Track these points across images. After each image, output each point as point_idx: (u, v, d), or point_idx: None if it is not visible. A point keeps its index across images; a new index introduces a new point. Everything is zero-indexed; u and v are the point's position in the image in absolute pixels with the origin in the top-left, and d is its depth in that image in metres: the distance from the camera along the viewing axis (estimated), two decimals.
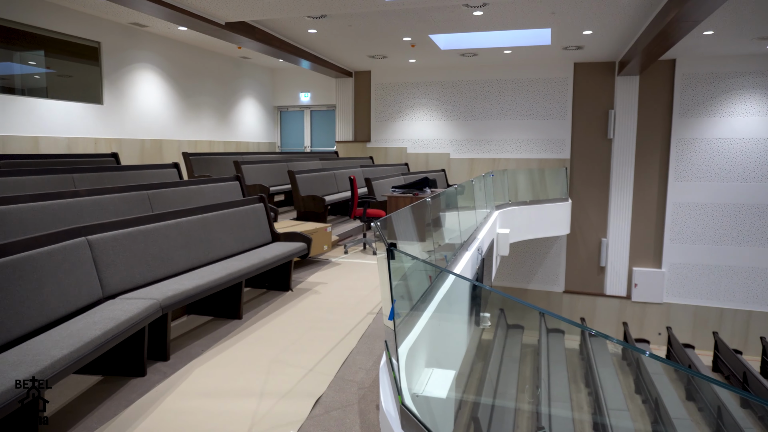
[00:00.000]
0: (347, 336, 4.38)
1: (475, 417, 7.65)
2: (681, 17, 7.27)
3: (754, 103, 11.56)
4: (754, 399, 10.44)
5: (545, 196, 11.65)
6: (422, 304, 4.01)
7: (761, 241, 11.77)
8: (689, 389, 9.95)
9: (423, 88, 13.59)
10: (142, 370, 3.60)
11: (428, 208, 5.27)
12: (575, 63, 12.40)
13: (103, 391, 3.36)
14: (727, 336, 11.98)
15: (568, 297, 12.96)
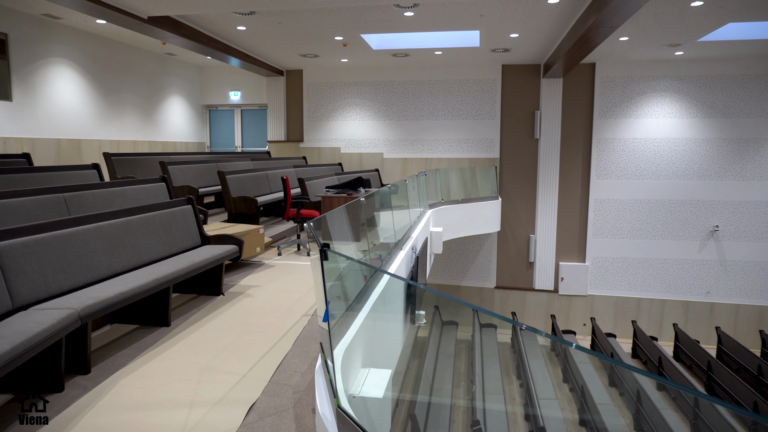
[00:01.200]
0: (282, 339, 4.29)
1: (412, 414, 7.72)
2: (599, 23, 7.66)
3: (665, 105, 12.36)
4: (667, 383, 11.14)
5: (476, 194, 11.95)
6: (358, 305, 3.99)
7: (673, 234, 12.61)
8: (612, 376, 10.50)
9: (356, 87, 13.59)
10: (59, 385, 3.36)
11: (362, 207, 5.25)
12: (503, 65, 12.79)
13: (14, 410, 3.11)
14: (645, 324, 12.76)
15: (499, 292, 13.36)
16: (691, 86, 12.23)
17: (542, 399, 8.92)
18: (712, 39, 10.09)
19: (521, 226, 13.17)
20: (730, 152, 12.26)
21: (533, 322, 13.10)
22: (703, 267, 12.60)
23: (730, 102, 12.13)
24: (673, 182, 12.51)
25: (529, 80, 12.75)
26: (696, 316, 12.68)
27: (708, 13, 8.46)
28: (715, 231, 12.43)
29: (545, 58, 11.94)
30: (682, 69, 12.17)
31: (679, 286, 12.71)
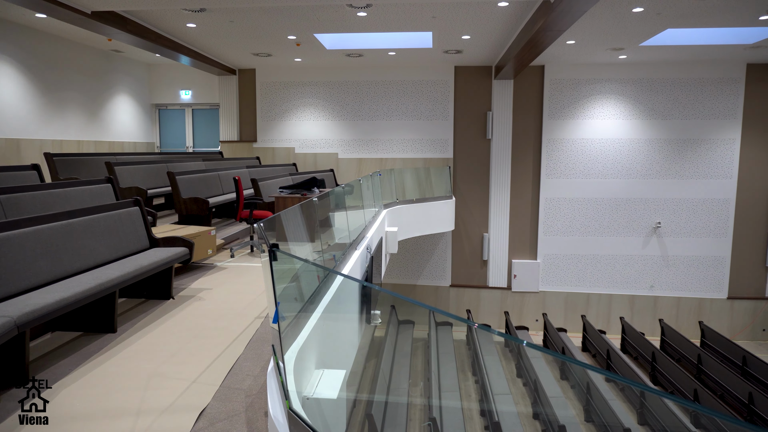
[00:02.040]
0: (234, 343, 4.21)
1: (369, 414, 7.73)
2: (547, 27, 7.87)
3: (611, 107, 12.82)
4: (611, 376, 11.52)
5: (431, 194, 12.07)
6: (311, 306, 3.96)
7: (619, 231, 13.10)
8: (563, 369, 10.79)
9: (310, 87, 13.49)
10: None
11: (316, 208, 5.21)
12: (456, 66, 12.96)
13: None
14: (594, 318, 13.20)
15: (454, 291, 13.53)
16: (634, 89, 12.73)
17: (497, 394, 9.10)
18: (653, 44, 10.52)
19: (475, 224, 13.39)
20: (670, 152, 12.82)
21: (488, 319, 13.34)
22: (647, 262, 13.13)
23: (670, 104, 12.69)
24: (618, 181, 12.99)
25: (481, 81, 12.97)
26: (641, 309, 13.21)
27: (648, 19, 8.82)
28: (658, 228, 12.98)
29: (496, 60, 12.18)
30: (626, 72, 12.66)
31: (625, 281, 13.21)
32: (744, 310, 13.05)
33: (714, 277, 13.02)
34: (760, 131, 12.60)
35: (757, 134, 12.61)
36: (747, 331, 13.07)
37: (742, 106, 12.53)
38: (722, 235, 12.92)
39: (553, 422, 8.06)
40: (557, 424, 7.67)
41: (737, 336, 12.92)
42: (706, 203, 12.87)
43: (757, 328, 13.08)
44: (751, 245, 12.92)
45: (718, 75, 12.48)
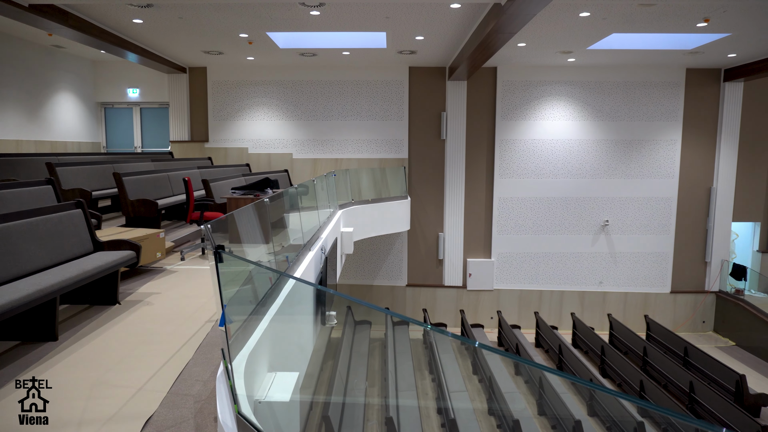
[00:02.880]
0: (183, 348, 4.09)
1: (326, 416, 7.67)
2: (498, 29, 8.01)
3: (560, 108, 13.18)
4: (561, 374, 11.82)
5: (387, 194, 12.10)
6: (263, 308, 3.89)
7: (569, 229, 13.47)
8: (517, 365, 11.01)
9: (263, 87, 13.30)
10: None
11: (268, 208, 5.13)
12: (410, 67, 13.04)
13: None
14: (546, 314, 13.53)
15: (411, 290, 13.61)
16: (583, 91, 13.12)
17: (453, 392, 9.19)
18: (599, 48, 10.88)
19: (430, 224, 13.50)
20: (617, 153, 13.28)
21: (444, 318, 13.47)
22: (596, 259, 13.56)
23: (616, 106, 13.15)
24: (568, 181, 13.36)
25: (435, 82, 13.09)
26: (591, 304, 13.63)
27: (594, 24, 9.11)
28: (606, 225, 13.43)
29: (450, 61, 12.31)
30: (575, 75, 13.03)
31: (576, 278, 13.60)
32: (685, 303, 13.65)
33: (658, 273, 13.57)
34: (698, 133, 13.22)
35: (696, 135, 13.22)
36: (688, 324, 13.68)
37: (683, 108, 13.11)
38: (665, 232, 13.48)
39: (507, 417, 8.20)
40: (511, 418, 7.80)
41: (680, 328, 13.51)
42: (650, 202, 13.40)
43: (698, 320, 13.71)
44: (691, 241, 13.54)
45: (660, 79, 13.02)
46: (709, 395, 8.94)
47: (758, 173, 13.55)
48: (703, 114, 13.17)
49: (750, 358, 12.28)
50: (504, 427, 8.33)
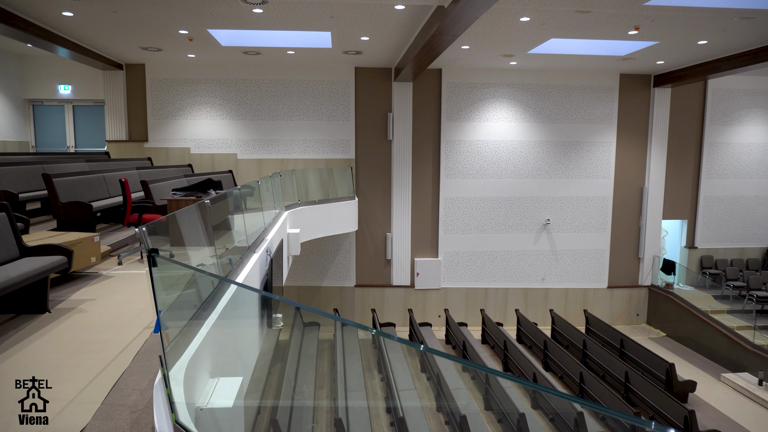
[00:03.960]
0: (119, 356, 3.92)
1: (273, 420, 7.55)
2: (442, 31, 8.12)
3: (503, 110, 13.51)
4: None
5: (334, 195, 12.05)
6: (204, 312, 3.79)
7: (513, 228, 13.83)
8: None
9: (206, 85, 12.94)
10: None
11: (209, 210, 4.99)
12: (356, 67, 13.03)
13: None
14: (492, 311, 13.84)
15: (359, 290, 13.60)
16: (525, 94, 13.50)
17: (402, 390, 9.25)
18: (539, 52, 11.22)
19: (378, 225, 13.54)
20: (557, 154, 13.74)
21: (392, 317, 13.54)
22: (539, 257, 13.98)
23: (556, 109, 13.60)
24: (511, 181, 13.71)
25: (381, 83, 13.14)
26: (534, 301, 14.04)
27: (534, 29, 9.39)
28: (547, 224, 13.87)
29: (396, 62, 12.39)
30: (517, 78, 13.39)
31: (520, 275, 13.98)
32: (621, 297, 14.29)
33: (596, 269, 14.14)
34: (631, 135, 13.87)
35: (629, 138, 13.86)
36: (624, 317, 14.33)
37: (617, 112, 13.72)
38: (602, 230, 14.05)
39: (455, 413, 8.32)
40: (459, 414, 7.93)
41: (616, 321, 14.13)
42: (588, 201, 13.94)
43: (633, 313, 14.38)
44: (626, 239, 14.19)
45: (596, 83, 13.56)
46: (642, 384, 9.38)
47: (685, 174, 14.36)
48: (635, 117, 13.83)
49: (679, 347, 12.99)
50: (452, 424, 8.45)
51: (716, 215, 14.62)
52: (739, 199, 14.66)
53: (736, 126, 14.42)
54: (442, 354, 5.67)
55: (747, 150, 14.55)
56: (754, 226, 14.80)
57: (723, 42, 10.17)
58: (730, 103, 14.33)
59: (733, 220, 14.70)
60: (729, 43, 10.28)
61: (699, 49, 10.75)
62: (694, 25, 9.08)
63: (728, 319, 12.50)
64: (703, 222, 14.60)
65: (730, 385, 10.82)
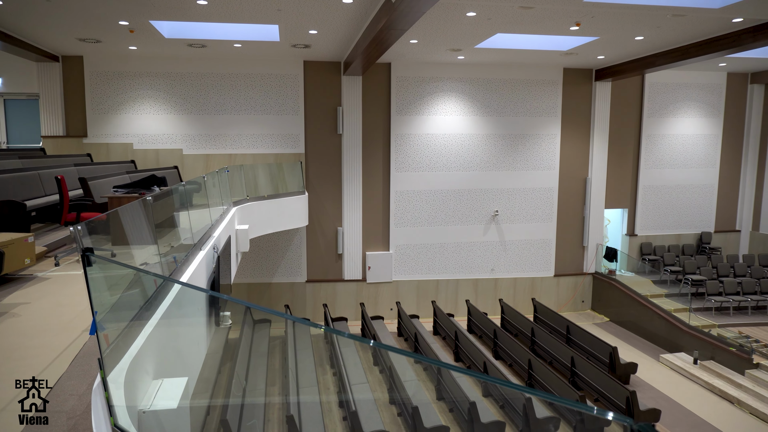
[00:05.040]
0: (56, 360, 3.77)
1: (223, 420, 7.45)
2: (390, 25, 8.14)
3: (452, 104, 13.69)
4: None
5: (284, 189, 11.92)
6: (147, 312, 3.69)
7: (462, 220, 14.07)
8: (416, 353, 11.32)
9: (149, 78, 12.51)
10: None
11: (151, 207, 4.86)
12: (305, 61, 12.90)
13: None
14: (443, 303, 14.05)
15: (311, 286, 13.53)
16: (472, 88, 13.72)
17: (354, 384, 9.28)
18: (486, 46, 11.42)
19: (329, 219, 13.49)
20: (504, 146, 14.05)
21: (345, 312, 13.54)
22: (488, 248, 14.28)
23: (503, 102, 13.89)
24: (460, 173, 13.93)
25: (330, 77, 13.06)
26: (484, 291, 14.35)
27: (480, 24, 9.54)
28: (496, 216, 14.17)
29: (345, 56, 12.33)
30: (464, 72, 13.59)
31: (470, 266, 14.24)
32: (567, 285, 14.80)
33: (543, 258, 14.57)
34: (574, 128, 14.33)
35: (573, 130, 14.32)
36: (570, 304, 14.85)
37: (561, 105, 14.14)
38: (548, 220, 14.49)
39: (407, 404, 8.43)
40: (411, 406, 8.03)
41: (563, 308, 14.62)
42: (535, 192, 14.33)
43: (578, 300, 14.92)
44: (571, 228, 14.68)
45: (541, 77, 13.93)
46: (587, 368, 9.76)
47: (625, 164, 14.97)
48: (578, 110, 14.29)
49: (621, 331, 13.58)
50: (404, 415, 8.56)
51: (654, 204, 15.33)
52: (675, 188, 15.41)
53: (671, 118, 15.13)
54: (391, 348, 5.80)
55: (681, 141, 15.30)
56: (688, 213, 15.59)
57: (658, 38, 10.63)
58: (666, 97, 15.02)
59: (670, 208, 15.45)
60: (663, 39, 10.75)
61: (636, 44, 11.20)
62: (631, 21, 9.46)
63: (666, 303, 13.15)
64: (643, 210, 15.27)
65: (668, 365, 11.41)
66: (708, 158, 15.56)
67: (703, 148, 15.49)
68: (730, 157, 15.74)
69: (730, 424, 9.03)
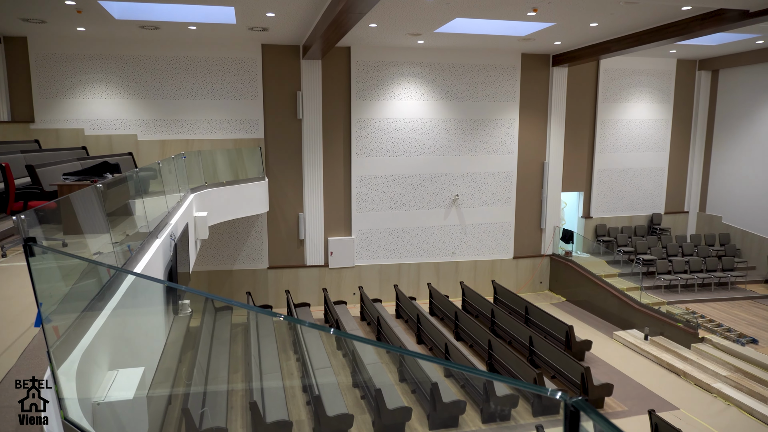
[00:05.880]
0: (3, 355, 3.65)
1: (185, 409, 7.39)
2: (348, 8, 8.06)
3: (412, 88, 13.71)
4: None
5: (244, 175, 11.75)
6: (100, 302, 3.62)
7: (423, 204, 14.19)
8: (379, 338, 11.44)
9: (100, 61, 12.04)
10: None
11: (102, 194, 4.73)
12: (263, 44, 12.65)
13: None
14: (405, 287, 14.20)
15: (273, 272, 13.45)
16: (432, 72, 13.76)
17: (318, 369, 9.34)
18: (445, 31, 11.45)
19: (290, 205, 13.39)
20: (464, 131, 14.19)
21: (307, 297, 13.53)
22: (449, 231, 14.47)
23: (462, 87, 13.99)
24: (421, 158, 14.01)
25: (289, 61, 12.87)
26: (445, 274, 14.56)
27: (439, 8, 9.55)
28: (456, 200, 14.35)
29: (304, 40, 12.16)
30: (425, 57, 13.60)
31: (431, 250, 14.41)
32: (526, 267, 15.16)
33: (502, 241, 14.86)
34: (532, 112, 14.58)
35: (531, 115, 14.57)
36: (528, 285, 15.23)
37: (519, 90, 14.34)
38: (507, 204, 14.76)
39: (370, 387, 8.54)
40: (374, 388, 8.14)
41: (521, 290, 14.99)
42: (494, 176, 14.56)
43: (536, 281, 15.32)
44: (529, 211, 15.00)
45: (500, 62, 14.07)
46: (544, 346, 10.07)
47: (581, 149, 15.35)
48: (536, 95, 14.54)
49: (577, 310, 14.03)
50: (368, 398, 8.67)
51: (608, 187, 15.81)
52: (628, 172, 15.91)
53: (625, 103, 15.56)
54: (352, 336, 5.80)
55: (634, 126, 15.77)
56: (640, 196, 16.15)
57: (612, 25, 10.87)
58: (620, 83, 15.43)
59: (623, 191, 15.96)
60: (617, 26, 11.01)
61: (591, 30, 11.43)
62: (586, 8, 9.64)
63: (619, 282, 13.65)
64: (597, 193, 15.73)
65: (621, 341, 11.87)
66: (659, 142, 16.10)
67: (654, 133, 16.02)
68: (679, 141, 16.33)
69: (675, 395, 9.50)
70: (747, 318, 12.26)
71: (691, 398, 9.44)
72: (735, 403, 9.13)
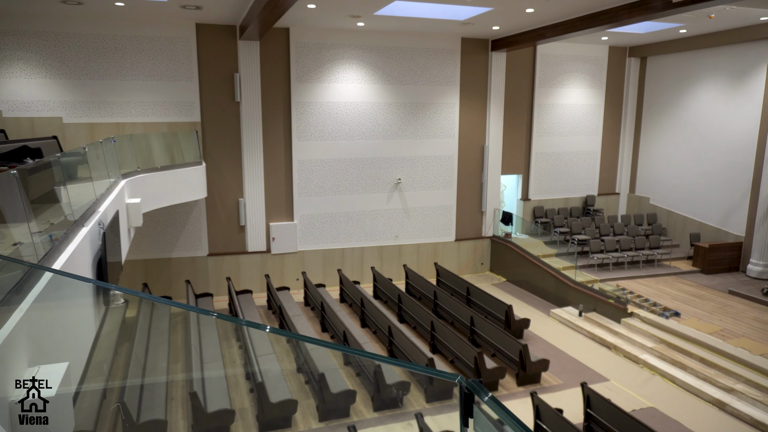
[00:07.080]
0: None
1: (121, 402, 7.16)
2: None
3: (353, 72, 13.58)
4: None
5: (180, 160, 11.35)
6: (17, 296, 3.41)
7: (366, 189, 14.18)
8: (323, 323, 11.42)
9: (17, 38, 11.22)
10: None
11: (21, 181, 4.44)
12: (197, 24, 12.16)
13: None
14: (349, 271, 14.20)
15: (213, 259, 13.13)
16: (373, 55, 13.67)
17: (261, 355, 9.23)
18: (385, 14, 11.38)
19: (229, 190, 13.06)
20: (405, 115, 14.22)
21: (249, 284, 13.31)
22: (392, 215, 14.55)
23: (403, 71, 13.99)
24: (363, 142, 13.96)
25: (225, 42, 12.45)
26: (389, 257, 14.66)
27: None
28: (399, 183, 14.42)
29: (240, 20, 11.79)
30: (365, 39, 13.49)
31: (374, 234, 14.46)
32: (467, 249, 15.48)
33: (444, 224, 15.10)
34: (472, 96, 14.79)
35: (470, 99, 14.78)
36: (470, 266, 15.57)
37: (459, 74, 14.49)
38: (449, 187, 14.98)
39: (314, 372, 8.53)
40: (318, 373, 8.14)
41: (463, 271, 15.32)
42: (436, 160, 14.71)
43: (477, 262, 15.68)
44: (470, 194, 15.29)
45: (440, 46, 14.15)
46: (485, 326, 10.35)
47: (519, 132, 15.74)
48: (475, 80, 14.74)
49: (517, 290, 14.48)
50: (312, 383, 8.66)
51: (545, 170, 16.31)
52: (564, 155, 16.46)
53: (560, 88, 16.04)
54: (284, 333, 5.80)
55: (569, 110, 16.30)
56: (575, 178, 16.77)
57: (547, 11, 11.12)
58: (556, 68, 15.87)
59: (559, 173, 16.52)
60: (552, 13, 11.27)
61: (527, 16, 11.65)
62: None
63: (556, 262, 14.17)
64: (535, 176, 16.21)
65: (557, 318, 12.37)
66: (592, 127, 16.73)
67: (588, 117, 16.62)
68: (611, 125, 17.02)
69: (606, 367, 10.01)
70: (671, 293, 13.03)
71: (621, 370, 9.97)
72: (659, 373, 9.72)
